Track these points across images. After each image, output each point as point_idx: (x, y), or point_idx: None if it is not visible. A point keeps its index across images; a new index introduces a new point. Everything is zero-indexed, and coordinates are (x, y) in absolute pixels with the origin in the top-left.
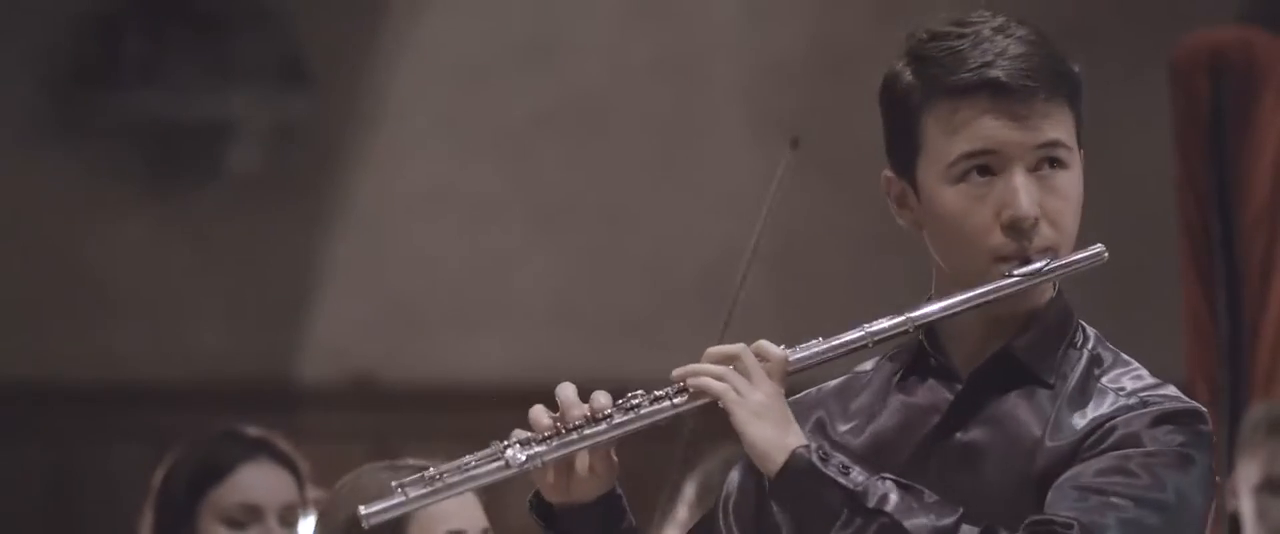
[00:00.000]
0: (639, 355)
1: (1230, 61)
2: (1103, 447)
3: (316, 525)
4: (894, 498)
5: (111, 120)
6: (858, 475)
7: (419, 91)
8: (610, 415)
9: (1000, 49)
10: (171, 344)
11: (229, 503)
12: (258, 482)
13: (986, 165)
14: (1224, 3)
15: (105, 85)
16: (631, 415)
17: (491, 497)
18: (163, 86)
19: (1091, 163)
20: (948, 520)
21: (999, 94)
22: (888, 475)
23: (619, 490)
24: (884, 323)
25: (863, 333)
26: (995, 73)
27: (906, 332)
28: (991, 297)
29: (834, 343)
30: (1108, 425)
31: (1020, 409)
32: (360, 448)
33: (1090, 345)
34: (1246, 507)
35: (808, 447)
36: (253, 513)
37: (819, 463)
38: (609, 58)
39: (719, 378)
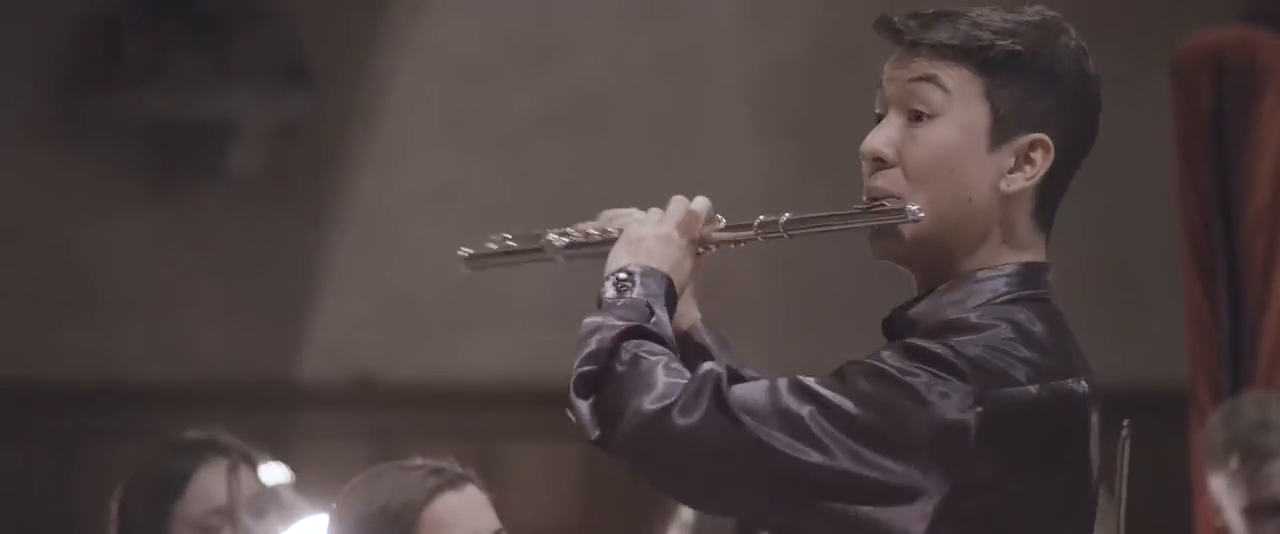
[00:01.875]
0: None
1: (1232, 61)
2: None
3: (330, 522)
4: (623, 314)
5: (112, 120)
6: (625, 298)
7: (419, 91)
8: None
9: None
10: (171, 344)
11: (195, 513)
12: (216, 484)
13: (881, 109)
14: (1226, 2)
15: (106, 85)
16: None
17: (499, 497)
18: (163, 86)
19: (1092, 162)
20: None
21: (889, 36)
22: (655, 312)
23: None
24: (770, 217)
25: (757, 223)
26: (891, 18)
27: (777, 226)
28: (827, 225)
29: (743, 228)
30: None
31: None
32: (360, 448)
33: (972, 317)
34: (1237, 527)
35: (629, 274)
36: (222, 514)
37: (613, 284)
38: (609, 57)
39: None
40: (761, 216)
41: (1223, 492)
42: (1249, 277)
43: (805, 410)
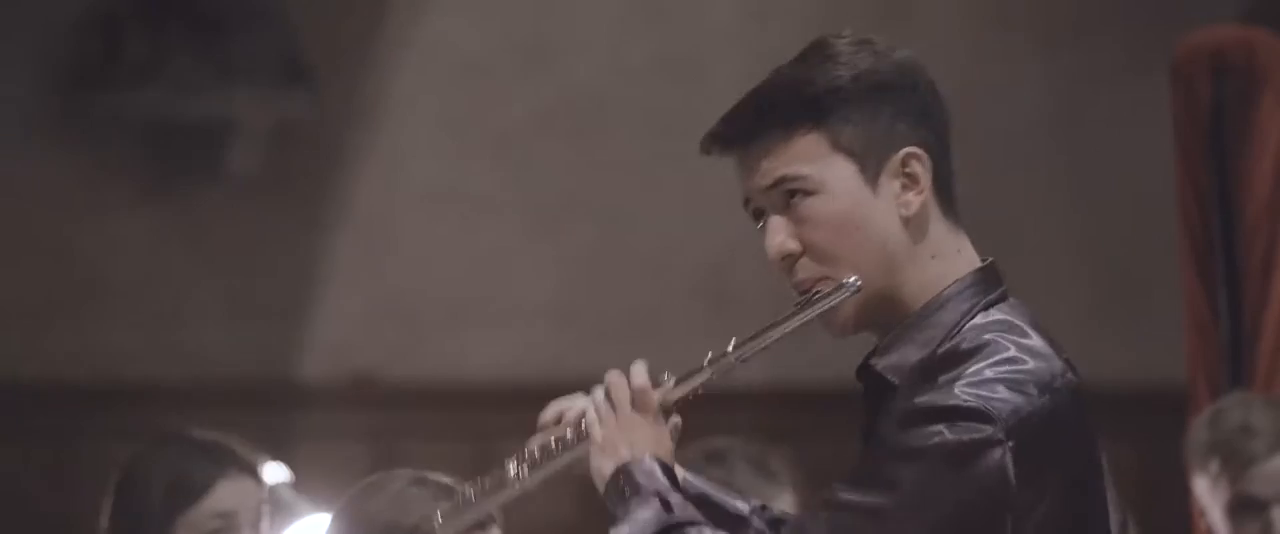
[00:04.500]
0: (639, 355)
1: (1231, 61)
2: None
3: (332, 526)
4: (643, 514)
5: (111, 120)
6: (634, 503)
7: (419, 91)
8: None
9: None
10: (171, 344)
11: (204, 521)
12: (232, 498)
13: (758, 217)
14: (1225, 2)
15: (105, 85)
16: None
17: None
18: (163, 86)
19: (1092, 162)
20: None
21: (719, 150)
22: (681, 499)
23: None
24: (718, 352)
25: (707, 361)
26: (711, 131)
27: (728, 358)
28: (774, 333)
29: (695, 374)
30: (878, 431)
31: (882, 417)
32: (360, 448)
33: (961, 344)
34: (1219, 527)
35: (624, 478)
36: (225, 519)
37: (615, 495)
38: (609, 57)
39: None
40: (710, 353)
41: (1206, 493)
42: (1249, 276)
43: (852, 524)
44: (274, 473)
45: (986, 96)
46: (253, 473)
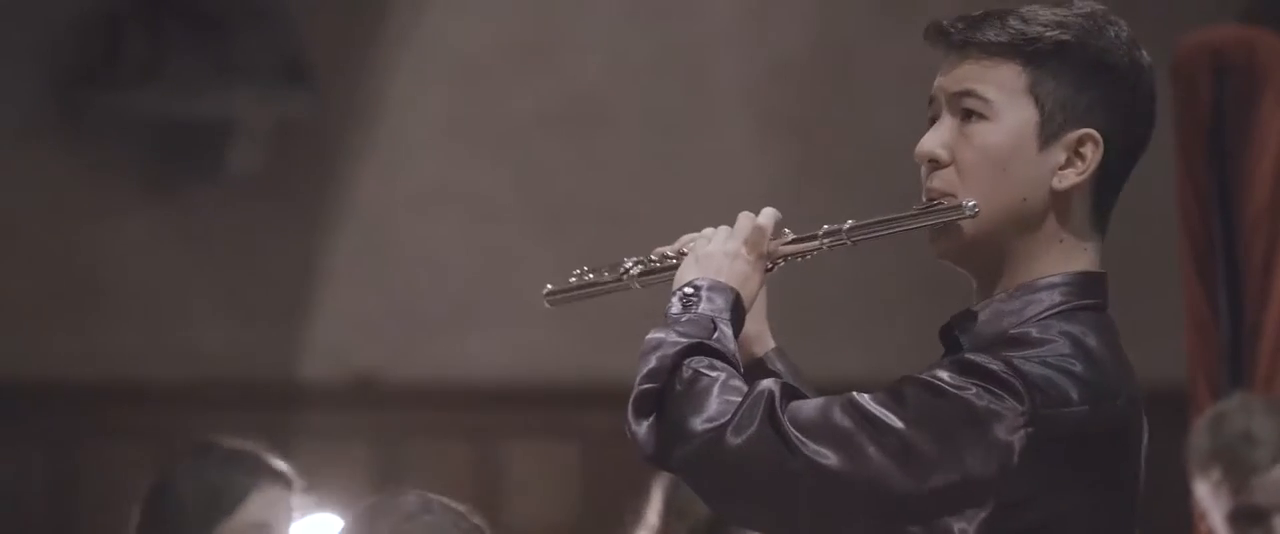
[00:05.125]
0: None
1: (1231, 61)
2: None
3: None
4: (686, 329)
5: (112, 119)
6: (690, 314)
7: (419, 91)
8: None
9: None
10: (171, 344)
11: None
12: (266, 509)
13: (934, 113)
14: (1225, 2)
15: (106, 84)
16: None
17: (499, 496)
18: (163, 86)
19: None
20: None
21: (939, 41)
22: (722, 326)
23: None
24: (834, 226)
25: (822, 232)
26: (941, 21)
27: (841, 234)
28: (887, 229)
29: (809, 239)
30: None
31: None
32: (360, 448)
33: (1031, 332)
34: (1222, 533)
35: (696, 289)
36: (262, 531)
37: (679, 300)
38: (609, 57)
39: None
40: (826, 226)
41: (1207, 497)
42: (1248, 276)
43: (856, 428)
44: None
45: None
46: (285, 482)
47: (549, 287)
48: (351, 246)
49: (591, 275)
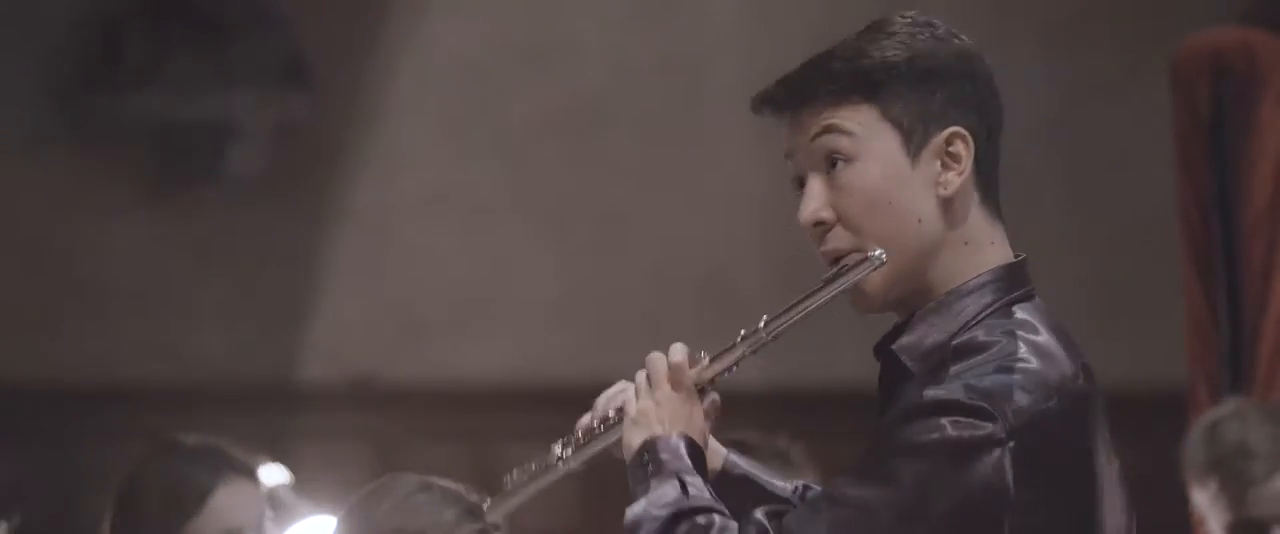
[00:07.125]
0: (639, 356)
1: (1231, 63)
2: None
3: (338, 530)
4: (661, 493)
5: (112, 121)
6: (655, 479)
7: (419, 91)
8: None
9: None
10: (171, 345)
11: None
12: (235, 505)
13: (798, 174)
14: (1225, 4)
15: (106, 86)
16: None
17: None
18: (163, 87)
19: (1093, 165)
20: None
21: (771, 110)
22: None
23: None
24: (751, 328)
25: (740, 338)
26: (764, 91)
27: (759, 334)
28: (804, 308)
29: (729, 352)
30: (883, 424)
31: (895, 404)
32: (360, 448)
33: (976, 337)
34: None
35: (649, 452)
36: (230, 527)
37: (639, 468)
38: (609, 58)
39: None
40: (742, 331)
41: (1205, 506)
42: (1248, 278)
43: (850, 519)
44: (274, 475)
45: None
46: (250, 476)
47: (489, 499)
48: (351, 249)
49: (525, 476)
